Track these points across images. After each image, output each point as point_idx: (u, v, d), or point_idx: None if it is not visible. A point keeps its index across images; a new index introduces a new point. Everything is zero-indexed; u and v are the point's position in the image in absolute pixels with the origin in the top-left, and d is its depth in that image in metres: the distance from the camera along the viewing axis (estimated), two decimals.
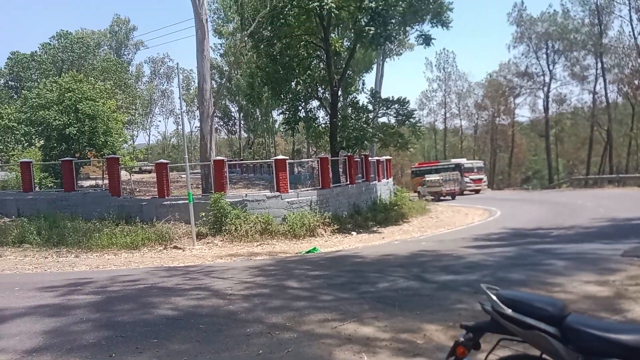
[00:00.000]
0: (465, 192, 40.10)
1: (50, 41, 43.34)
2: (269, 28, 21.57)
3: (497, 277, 8.34)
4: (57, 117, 22.09)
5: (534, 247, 11.88)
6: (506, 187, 55.31)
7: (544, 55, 53.24)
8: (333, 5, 18.60)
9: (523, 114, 75.45)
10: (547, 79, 53.70)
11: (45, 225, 16.38)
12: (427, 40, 21.21)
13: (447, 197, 35.04)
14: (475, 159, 51.07)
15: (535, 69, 54.62)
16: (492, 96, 61.18)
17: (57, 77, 29.48)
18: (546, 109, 54.23)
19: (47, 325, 6.22)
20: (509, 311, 2.57)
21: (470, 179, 41.64)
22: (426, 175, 39.55)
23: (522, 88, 57.67)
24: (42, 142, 25.42)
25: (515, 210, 24.71)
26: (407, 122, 22.56)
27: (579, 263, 9.23)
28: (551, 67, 53.14)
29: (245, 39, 23.32)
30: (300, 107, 24.81)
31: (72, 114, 22.37)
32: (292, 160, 22.99)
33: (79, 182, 20.47)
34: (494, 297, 2.67)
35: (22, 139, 35.05)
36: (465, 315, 5.91)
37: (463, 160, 44.70)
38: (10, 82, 44.13)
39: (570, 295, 6.78)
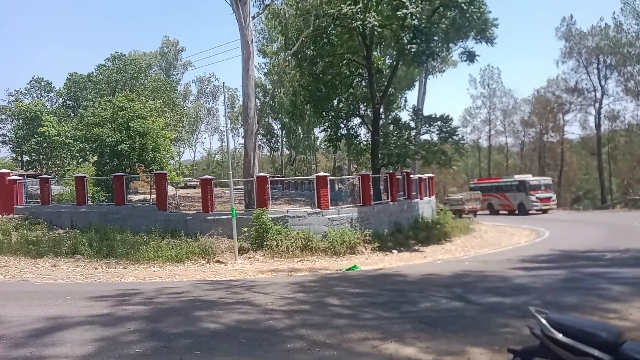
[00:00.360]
0: (530, 212, 36.88)
1: (106, 63, 45.76)
2: (312, 47, 21.94)
3: (546, 300, 8.00)
4: (110, 134, 23.21)
5: (586, 271, 11.33)
6: (555, 207, 53.15)
7: (595, 71, 51.25)
8: (376, 23, 18.74)
9: (573, 131, 72.54)
10: (598, 94, 51.58)
11: (97, 237, 17.11)
12: (471, 56, 20.94)
13: (469, 215, 33.65)
14: (541, 176, 47.72)
15: (586, 84, 52.62)
16: (539, 113, 59.31)
17: (111, 97, 31.03)
18: (598, 125, 51.97)
19: (97, 334, 6.47)
20: (559, 336, 2.48)
21: (537, 198, 37.70)
22: (449, 194, 38.14)
23: (572, 104, 55.61)
24: (95, 158, 26.72)
25: (565, 231, 23.67)
26: (450, 139, 22.21)
27: (636, 288, 8.73)
28: (603, 83, 51.05)
29: (289, 58, 23.80)
30: (341, 125, 24.95)
31: (124, 131, 23.45)
32: (333, 177, 23.06)
33: (128, 196, 21.29)
34: (544, 321, 2.59)
35: (77, 155, 37.02)
36: (512, 339, 5.69)
37: (528, 177, 40.88)
38: (68, 102, 46.80)
39: (626, 322, 6.41)
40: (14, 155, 45.29)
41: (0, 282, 12.79)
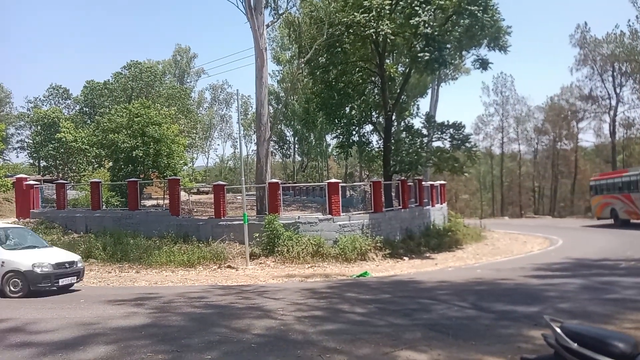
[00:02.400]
0: None
1: (122, 70, 46.44)
2: (325, 55, 22.05)
3: (560, 309, 7.90)
4: (125, 140, 23.52)
5: (601, 279, 11.16)
6: (568, 215, 52.46)
7: (610, 78, 50.73)
8: (389, 31, 18.79)
9: (587, 139, 71.71)
10: (613, 102, 51.00)
11: (111, 241, 17.31)
12: (484, 64, 20.88)
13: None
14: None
15: (600, 92, 52.08)
16: (553, 120, 58.76)
17: (127, 104, 31.45)
18: (612, 133, 51.32)
19: (108, 337, 6.54)
20: (574, 345, 2.46)
21: None
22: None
23: (586, 112, 55.05)
24: (110, 163, 27.06)
25: (579, 239, 23.34)
26: (462, 146, 22.11)
27: None
28: (618, 90, 50.46)
29: (302, 66, 23.94)
30: (353, 132, 24.97)
31: (139, 138, 23.73)
32: (344, 184, 23.05)
33: (142, 201, 21.49)
34: (559, 330, 2.57)
35: (93, 160, 37.57)
36: (525, 348, 5.64)
37: None
38: (85, 109, 47.54)
39: None
40: (31, 161, 46.10)
41: None
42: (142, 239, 17.49)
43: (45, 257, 10.92)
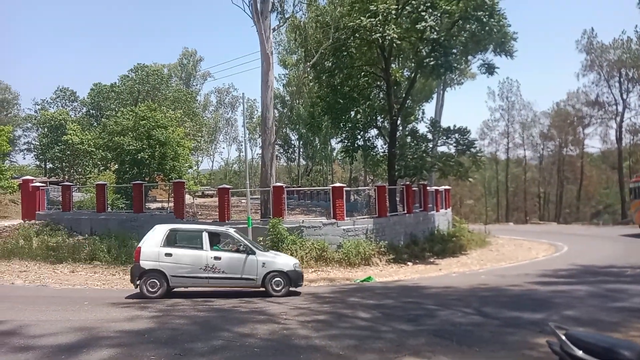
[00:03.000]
0: None
1: (129, 74, 46.73)
2: (331, 59, 22.08)
3: (566, 316, 7.84)
4: (131, 143, 23.62)
5: (607, 287, 11.07)
6: (574, 221, 52.16)
7: (617, 84, 50.50)
8: (395, 36, 18.80)
9: (593, 145, 71.39)
10: (620, 108, 50.76)
11: (115, 244, 17.35)
12: (490, 69, 20.85)
13: None
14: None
15: (607, 97, 51.88)
16: (559, 126, 58.56)
17: (134, 107, 31.62)
18: (619, 139, 51.03)
19: (112, 340, 6.54)
20: (579, 353, 2.44)
21: None
22: None
23: (593, 118, 54.84)
24: (116, 166, 27.18)
25: (585, 246, 23.18)
26: (467, 151, 22.06)
27: None
28: (625, 96, 50.22)
29: (308, 69, 23.98)
30: (359, 136, 24.96)
31: (145, 140, 23.84)
32: (349, 188, 23.03)
33: (146, 204, 21.55)
34: (563, 337, 2.55)
35: (99, 163, 37.74)
36: (530, 355, 5.60)
37: None
38: (91, 111, 47.85)
39: None
40: (38, 163, 46.40)
41: (20, 286, 13.04)
42: None
43: (290, 259, 11.95)
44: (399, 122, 24.95)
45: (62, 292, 11.97)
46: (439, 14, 18.79)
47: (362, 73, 23.66)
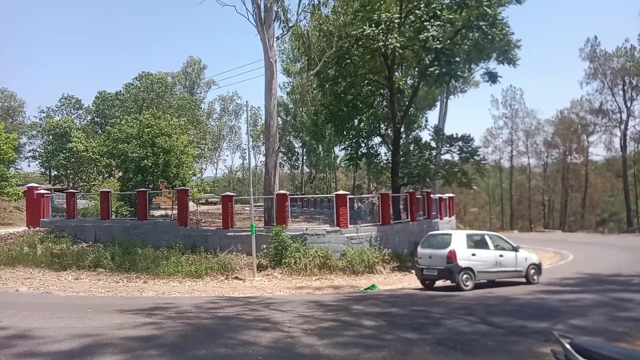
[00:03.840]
0: None
1: (133, 81, 47.03)
2: (334, 67, 22.20)
3: (571, 325, 7.79)
4: (135, 150, 23.72)
5: (614, 295, 10.99)
6: (579, 230, 51.89)
7: (621, 92, 50.53)
8: (397, 45, 18.89)
9: (597, 153, 71.20)
10: (624, 116, 50.74)
11: (119, 251, 17.38)
12: (493, 77, 20.90)
13: None
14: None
15: (611, 105, 51.94)
16: (563, 134, 58.51)
17: (138, 114, 31.78)
18: (623, 147, 50.92)
19: (115, 348, 6.53)
20: None
21: None
22: None
23: (597, 125, 54.86)
24: (120, 173, 27.28)
25: (590, 254, 23.04)
26: (471, 159, 22.06)
27: None
28: (629, 104, 50.23)
29: (311, 78, 24.09)
30: (362, 144, 25.01)
31: (149, 148, 23.94)
32: (352, 196, 23.02)
33: (150, 211, 21.59)
34: (568, 346, 2.54)
35: (103, 170, 37.88)
36: None
37: None
38: (96, 119, 48.10)
39: None
40: (42, 170, 46.58)
41: (25, 293, 13.05)
42: (150, 249, 17.53)
43: (534, 254, 15.01)
44: (402, 130, 25.02)
45: (66, 299, 11.98)
46: (442, 24, 18.88)
47: (366, 81, 23.76)
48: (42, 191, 22.73)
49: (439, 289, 13.45)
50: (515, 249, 13.76)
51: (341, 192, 19.63)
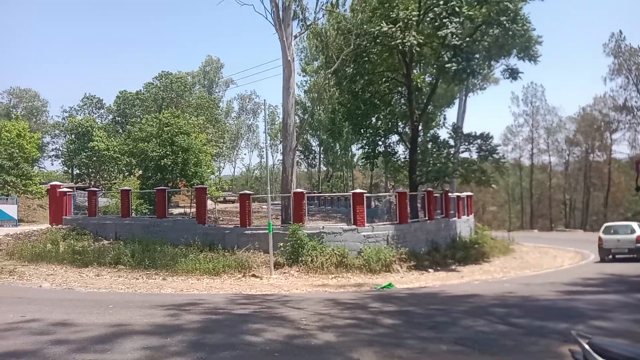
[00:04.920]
0: None
1: (153, 81, 47.69)
2: (352, 65, 22.14)
3: (593, 326, 7.64)
4: (155, 149, 24.07)
5: (637, 296, 10.74)
6: None
7: None
8: (415, 42, 18.75)
9: (621, 151, 69.49)
10: None
11: (139, 248, 17.67)
12: (513, 74, 20.59)
13: None
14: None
15: (636, 102, 50.66)
16: (585, 131, 57.31)
17: (158, 113, 32.21)
18: None
19: (137, 344, 6.63)
20: None
21: None
22: None
23: (620, 123, 53.59)
24: (140, 172, 27.71)
25: None
26: (490, 157, 21.77)
27: None
28: None
29: (329, 76, 24.08)
30: (379, 142, 24.90)
31: (169, 147, 24.26)
32: (369, 194, 22.95)
33: (169, 209, 21.89)
34: (587, 346, 2.50)
35: (124, 168, 38.52)
36: None
37: None
38: (117, 118, 48.97)
39: None
40: (65, 169, 47.62)
41: (48, 289, 13.36)
42: (169, 247, 17.79)
43: None
44: (420, 128, 24.81)
45: (87, 295, 12.23)
46: (461, 20, 18.67)
47: (383, 79, 23.65)
48: (65, 189, 23.21)
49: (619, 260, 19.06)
50: None
51: (358, 190, 19.60)
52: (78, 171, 44.66)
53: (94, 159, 41.15)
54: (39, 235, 20.17)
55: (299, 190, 19.22)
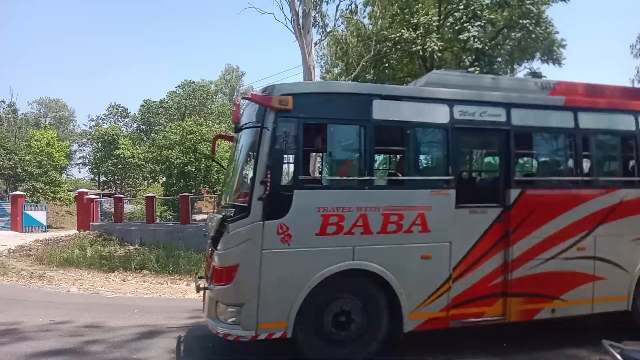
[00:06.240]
0: None
1: (176, 89, 48.56)
2: (372, 72, 22.11)
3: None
4: (178, 156, 24.47)
5: None
6: None
7: None
8: (436, 48, 18.64)
9: None
10: None
11: (163, 254, 17.93)
12: (537, 77, 20.24)
13: None
14: None
15: None
16: None
17: (181, 121, 32.77)
18: None
19: (160, 350, 6.72)
20: None
21: None
22: None
23: None
24: (164, 178, 28.19)
25: None
26: None
27: None
28: None
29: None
30: None
31: (192, 154, 24.63)
32: None
33: (193, 215, 22.16)
34: (618, 356, 2.44)
35: (148, 175, 39.24)
36: None
37: None
38: (141, 126, 50.02)
39: None
40: (92, 176, 48.77)
41: (75, 294, 13.64)
42: (193, 253, 17.98)
43: None
44: None
45: (113, 299, 12.44)
46: (482, 24, 18.50)
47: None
48: (92, 196, 23.76)
49: None
50: None
51: None
52: (104, 178, 45.69)
53: (120, 166, 42.07)
54: (67, 240, 20.66)
55: None
